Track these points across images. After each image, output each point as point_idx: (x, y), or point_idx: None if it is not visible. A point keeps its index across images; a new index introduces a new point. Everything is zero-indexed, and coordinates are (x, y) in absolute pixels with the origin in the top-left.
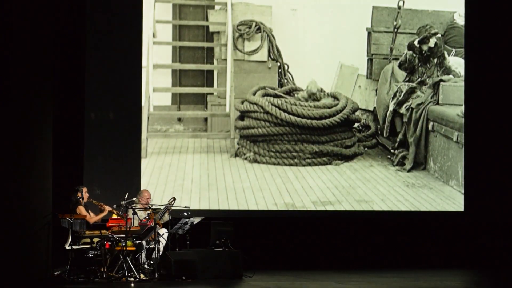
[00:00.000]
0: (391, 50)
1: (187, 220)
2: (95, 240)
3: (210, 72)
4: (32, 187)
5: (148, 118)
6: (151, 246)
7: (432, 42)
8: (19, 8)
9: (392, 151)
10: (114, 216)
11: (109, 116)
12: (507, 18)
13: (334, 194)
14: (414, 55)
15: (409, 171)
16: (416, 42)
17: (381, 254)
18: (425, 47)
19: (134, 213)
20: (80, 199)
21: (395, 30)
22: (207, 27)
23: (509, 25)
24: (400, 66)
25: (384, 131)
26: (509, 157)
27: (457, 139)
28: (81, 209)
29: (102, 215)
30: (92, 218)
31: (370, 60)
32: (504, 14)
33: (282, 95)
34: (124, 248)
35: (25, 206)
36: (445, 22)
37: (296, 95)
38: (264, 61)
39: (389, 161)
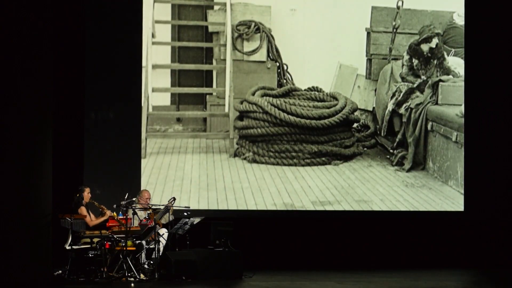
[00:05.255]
0: (390, 50)
1: (187, 220)
2: (95, 240)
3: (209, 72)
4: (32, 187)
5: (147, 118)
6: (151, 246)
7: (434, 42)
8: (19, 8)
9: (391, 151)
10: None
11: (109, 116)
12: (507, 18)
13: (333, 194)
14: (412, 60)
15: (408, 171)
16: (416, 42)
17: (381, 254)
18: (425, 48)
19: (134, 213)
20: (82, 199)
21: (394, 30)
22: (206, 27)
23: (509, 25)
24: (402, 77)
25: (383, 131)
26: (509, 157)
27: (456, 139)
28: (83, 210)
29: (102, 219)
30: (93, 221)
31: (369, 60)
32: (504, 14)
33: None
34: (124, 248)
35: (25, 206)
36: (444, 22)
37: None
38: (263, 61)
39: (388, 161)
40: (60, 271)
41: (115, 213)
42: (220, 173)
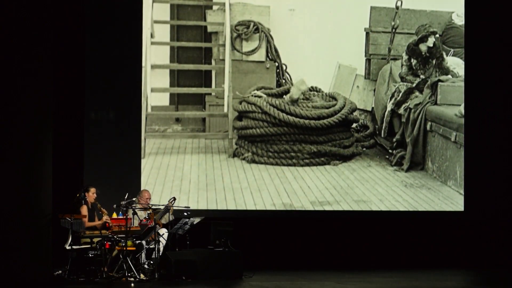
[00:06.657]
0: (389, 50)
1: (187, 220)
2: (95, 240)
3: (208, 73)
4: (32, 187)
5: (146, 118)
6: (151, 246)
7: (430, 41)
8: (19, 8)
9: (390, 151)
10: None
11: (109, 116)
12: (507, 18)
13: (332, 194)
14: (411, 59)
15: (407, 171)
16: (414, 42)
17: (381, 254)
18: (423, 47)
19: (134, 213)
20: (86, 199)
21: (393, 30)
22: (205, 27)
23: (509, 25)
24: (401, 77)
25: (382, 131)
26: (509, 157)
27: (455, 139)
28: (84, 209)
29: (97, 223)
30: (88, 223)
31: (368, 60)
32: (504, 14)
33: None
34: (124, 248)
35: (25, 206)
36: (443, 22)
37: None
38: (262, 61)
39: (387, 161)
40: (60, 271)
41: (108, 218)
42: (219, 173)
